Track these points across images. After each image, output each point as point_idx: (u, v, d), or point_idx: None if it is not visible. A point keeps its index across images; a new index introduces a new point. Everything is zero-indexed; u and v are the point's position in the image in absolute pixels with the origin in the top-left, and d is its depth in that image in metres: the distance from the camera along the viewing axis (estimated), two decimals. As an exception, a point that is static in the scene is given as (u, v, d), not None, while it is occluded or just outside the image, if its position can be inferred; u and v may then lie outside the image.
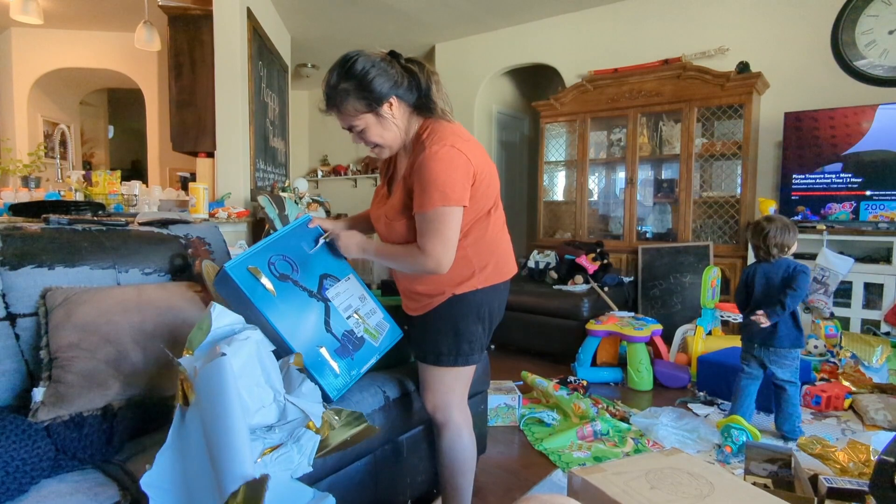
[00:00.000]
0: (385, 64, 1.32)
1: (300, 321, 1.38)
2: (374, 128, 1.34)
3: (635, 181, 4.17)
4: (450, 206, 1.29)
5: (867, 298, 3.30)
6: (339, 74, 1.30)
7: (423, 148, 1.31)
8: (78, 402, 1.19)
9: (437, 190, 1.27)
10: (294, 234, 1.49)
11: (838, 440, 2.23)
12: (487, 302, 1.45)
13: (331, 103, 1.33)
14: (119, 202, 3.05)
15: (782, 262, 2.28)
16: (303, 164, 7.41)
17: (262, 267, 1.36)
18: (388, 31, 5.16)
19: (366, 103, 1.30)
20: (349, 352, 1.46)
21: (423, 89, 1.36)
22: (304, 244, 1.49)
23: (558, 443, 2.26)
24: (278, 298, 1.35)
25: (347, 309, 1.50)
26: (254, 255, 1.36)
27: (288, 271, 1.42)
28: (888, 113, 3.26)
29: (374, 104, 1.31)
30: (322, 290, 1.46)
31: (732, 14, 3.99)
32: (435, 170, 1.27)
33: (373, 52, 1.33)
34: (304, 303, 1.41)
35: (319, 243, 1.49)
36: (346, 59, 1.31)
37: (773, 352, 2.28)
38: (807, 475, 1.71)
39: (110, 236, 1.60)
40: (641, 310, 3.94)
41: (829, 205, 3.47)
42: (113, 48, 5.34)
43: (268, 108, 4.59)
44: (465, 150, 1.31)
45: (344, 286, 1.52)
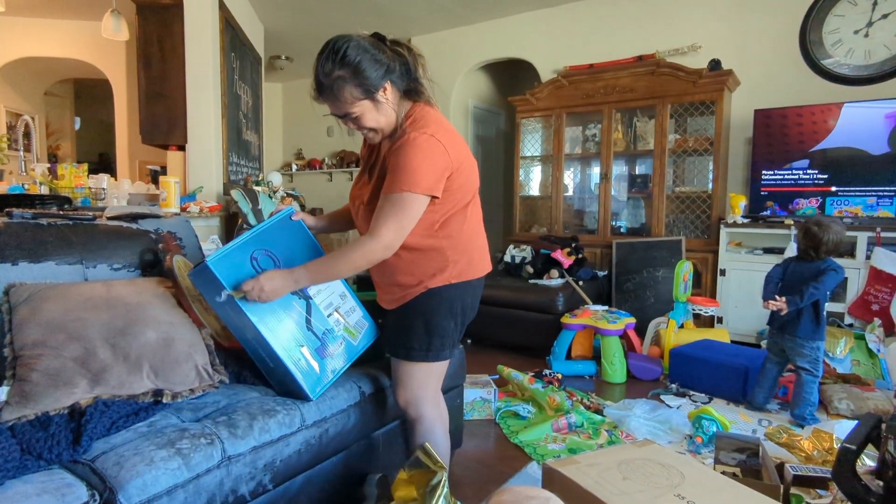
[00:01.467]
0: (375, 49, 1.30)
1: (282, 320, 1.37)
2: (370, 113, 1.33)
3: (610, 176, 4.22)
4: (415, 194, 1.27)
5: (832, 291, 3.39)
6: (332, 62, 1.28)
7: (403, 132, 1.32)
8: (44, 401, 1.16)
9: (407, 175, 1.26)
10: (277, 228, 1.46)
11: (804, 429, 2.30)
12: (460, 297, 1.45)
13: (325, 91, 1.31)
14: (86, 196, 2.97)
15: (822, 261, 2.41)
16: (277, 157, 7.31)
17: (244, 262, 1.34)
18: (364, 23, 5.11)
19: (362, 90, 1.29)
20: (329, 351, 1.45)
21: (412, 72, 1.37)
22: (288, 236, 1.46)
23: (533, 435, 2.28)
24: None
25: (329, 307, 1.49)
26: (236, 250, 1.34)
27: (270, 267, 1.39)
28: (853, 111, 3.35)
29: (371, 90, 1.30)
30: (304, 288, 1.43)
31: (705, 12, 4.05)
32: (409, 155, 1.27)
33: (360, 36, 1.32)
34: (285, 300, 1.39)
35: (223, 297, 1.31)
36: (336, 45, 1.28)
37: (790, 339, 2.42)
38: (774, 463, 1.76)
39: (77, 231, 1.56)
40: (615, 303, 3.99)
41: (796, 200, 3.56)
42: (79, 37, 5.17)
43: (241, 100, 4.51)
44: (444, 141, 1.31)
45: (325, 283, 1.50)
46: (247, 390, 1.45)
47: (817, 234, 2.38)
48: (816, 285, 2.32)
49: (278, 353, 1.34)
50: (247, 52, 4.69)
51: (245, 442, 1.23)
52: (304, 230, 1.55)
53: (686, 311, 3.34)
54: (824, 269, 2.37)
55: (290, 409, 1.37)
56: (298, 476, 1.39)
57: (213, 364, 1.42)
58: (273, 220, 1.47)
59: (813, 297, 2.33)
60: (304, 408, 1.40)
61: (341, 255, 1.32)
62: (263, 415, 1.31)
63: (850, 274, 3.30)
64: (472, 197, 1.45)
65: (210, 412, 1.32)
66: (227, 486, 1.18)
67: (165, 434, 1.16)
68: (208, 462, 1.15)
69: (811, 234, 2.40)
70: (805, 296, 2.31)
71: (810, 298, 2.33)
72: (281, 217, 1.49)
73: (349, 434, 1.53)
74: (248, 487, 1.23)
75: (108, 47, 5.06)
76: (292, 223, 1.50)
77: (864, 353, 2.94)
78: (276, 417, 1.32)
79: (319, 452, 1.43)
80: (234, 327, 1.38)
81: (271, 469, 1.29)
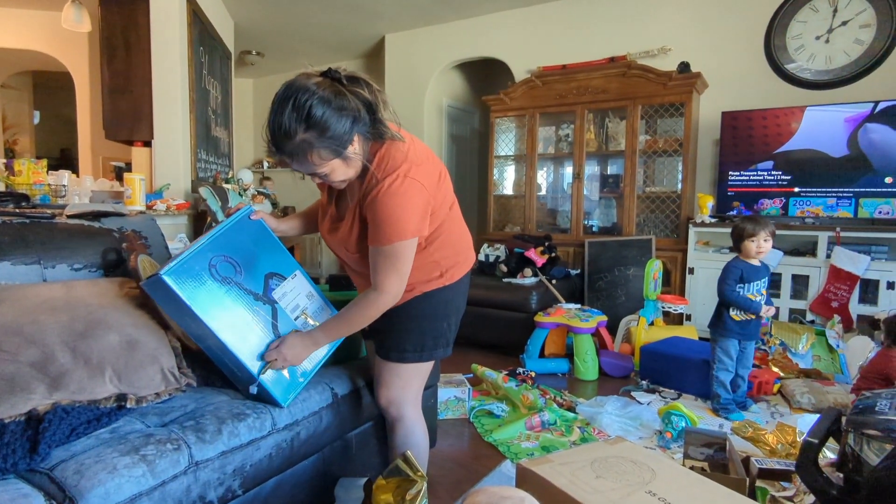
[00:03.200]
0: (339, 98, 1.18)
1: (247, 328, 1.32)
2: (339, 170, 1.24)
3: (582, 176, 4.27)
4: (405, 241, 1.26)
5: (794, 289, 3.50)
6: (296, 121, 1.14)
7: (376, 181, 1.24)
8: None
9: (393, 227, 1.23)
10: (235, 230, 1.37)
11: (768, 423, 2.36)
12: (453, 297, 1.47)
13: (288, 152, 1.19)
14: (45, 193, 2.86)
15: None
16: (248, 154, 7.17)
17: (202, 270, 1.26)
18: (337, 19, 5.05)
19: (331, 150, 1.19)
20: None
21: (376, 114, 1.25)
22: (248, 238, 1.38)
23: (507, 434, 2.29)
24: (222, 305, 1.27)
25: (295, 309, 1.44)
26: (193, 258, 1.25)
27: (231, 273, 1.32)
28: (815, 114, 3.46)
29: (340, 150, 1.20)
30: (268, 292, 1.38)
31: (675, 15, 4.12)
32: (390, 205, 1.22)
33: (318, 84, 1.17)
34: (249, 307, 1.34)
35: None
36: (298, 101, 1.14)
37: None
38: (740, 457, 1.80)
39: (35, 229, 1.50)
40: (587, 302, 4.04)
41: (761, 200, 3.66)
42: (37, 28, 4.97)
43: (210, 95, 4.41)
44: (419, 178, 1.26)
45: (290, 284, 1.45)
46: (215, 394, 1.41)
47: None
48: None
49: (245, 362, 1.30)
50: (216, 46, 4.59)
51: (213, 447, 1.20)
52: (266, 230, 1.45)
53: (656, 308, 3.40)
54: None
55: (260, 412, 1.34)
56: (269, 480, 1.37)
57: (179, 367, 1.38)
58: (230, 221, 1.37)
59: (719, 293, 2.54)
60: (275, 411, 1.37)
61: (355, 312, 1.33)
62: (233, 419, 1.28)
63: (811, 272, 3.41)
64: (451, 203, 1.44)
65: (177, 417, 1.28)
66: (194, 492, 1.15)
67: (129, 440, 1.13)
68: (175, 468, 1.12)
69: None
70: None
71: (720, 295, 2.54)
72: (238, 218, 1.39)
73: (322, 436, 1.51)
74: (216, 493, 1.20)
75: (68, 39, 4.88)
76: (252, 224, 1.41)
77: (824, 348, 3.04)
78: (245, 421, 1.29)
79: (291, 456, 1.41)
80: (195, 336, 1.33)
81: (241, 474, 1.26)
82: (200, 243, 1.29)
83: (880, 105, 3.28)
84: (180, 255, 1.26)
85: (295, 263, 1.48)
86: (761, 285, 2.50)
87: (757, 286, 2.49)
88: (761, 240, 2.45)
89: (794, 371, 2.89)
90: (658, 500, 1.17)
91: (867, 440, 1.24)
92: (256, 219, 1.42)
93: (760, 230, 2.44)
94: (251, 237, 1.40)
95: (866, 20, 3.51)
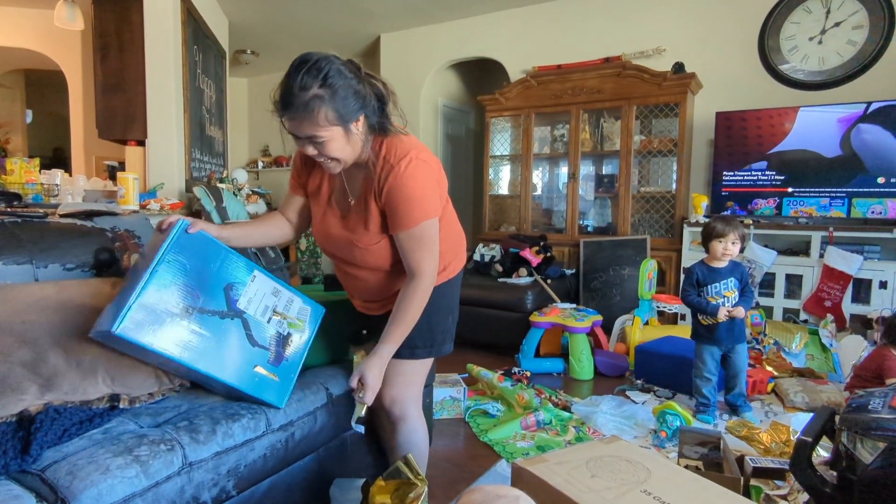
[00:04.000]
0: (355, 79, 1.23)
1: (223, 351, 1.25)
2: (338, 142, 1.23)
3: (577, 176, 4.27)
4: (431, 219, 1.30)
5: (788, 289, 3.52)
6: (312, 77, 1.16)
7: (389, 167, 1.26)
8: (-11, 409, 1.10)
9: (418, 206, 1.27)
10: (177, 250, 1.21)
11: (762, 422, 2.37)
12: (455, 291, 1.50)
13: (296, 106, 1.17)
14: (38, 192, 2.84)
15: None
16: (242, 154, 7.15)
17: (157, 309, 1.16)
18: (333, 19, 5.04)
19: (338, 115, 1.19)
20: (282, 356, 1.39)
21: (385, 108, 1.29)
22: (193, 256, 1.24)
23: (503, 434, 2.29)
24: (190, 338, 1.20)
25: (265, 312, 1.36)
26: (143, 297, 1.14)
27: (190, 301, 1.21)
28: (808, 115, 3.48)
29: (346, 118, 1.21)
30: (232, 305, 1.29)
31: (670, 16, 4.14)
32: (412, 186, 1.26)
33: (335, 56, 1.22)
34: (218, 328, 1.25)
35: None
36: (319, 64, 1.17)
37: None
38: (734, 456, 1.81)
39: (26, 229, 1.49)
40: (583, 301, 4.05)
41: (755, 200, 3.68)
42: (29, 26, 4.93)
43: (204, 94, 4.39)
44: (429, 160, 1.30)
45: (253, 288, 1.34)
46: (209, 394, 1.40)
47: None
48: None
49: (233, 384, 1.28)
50: (210, 45, 4.57)
51: (207, 447, 1.19)
52: (209, 240, 1.30)
53: (651, 308, 3.41)
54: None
55: (254, 412, 1.33)
56: (264, 481, 1.36)
57: (173, 367, 1.37)
58: (167, 245, 1.20)
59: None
60: (270, 411, 1.37)
61: (407, 305, 1.32)
62: (227, 419, 1.27)
63: (805, 272, 3.43)
64: (447, 198, 1.46)
65: (170, 417, 1.27)
66: (188, 493, 1.14)
67: (122, 441, 1.12)
68: (168, 469, 1.11)
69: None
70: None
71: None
72: (175, 237, 1.22)
73: (317, 437, 1.50)
74: (210, 494, 1.19)
75: (61, 37, 4.84)
76: (192, 238, 1.26)
77: (817, 347, 3.05)
78: (240, 422, 1.29)
79: (286, 456, 1.40)
80: (171, 370, 1.29)
81: (235, 475, 1.25)
82: (144, 279, 1.15)
83: (873, 105, 3.30)
84: (127, 297, 1.14)
85: (250, 264, 1.37)
86: (722, 287, 2.43)
87: (717, 288, 2.43)
88: (729, 241, 2.40)
89: (787, 370, 2.90)
90: (653, 499, 1.17)
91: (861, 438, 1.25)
92: (195, 231, 1.27)
93: (730, 231, 2.39)
94: (196, 253, 1.25)
95: (859, 21, 3.53)
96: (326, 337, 1.64)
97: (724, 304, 2.41)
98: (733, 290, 2.43)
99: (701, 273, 2.47)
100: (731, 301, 2.43)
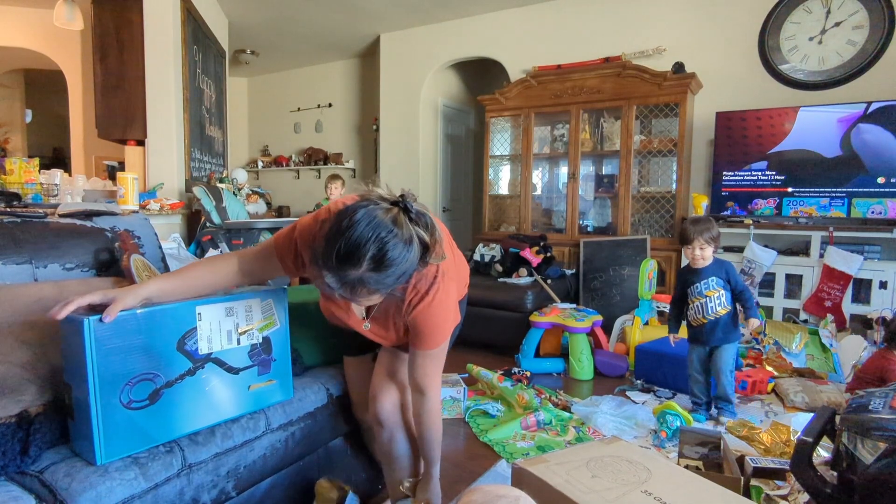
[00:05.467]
0: (409, 245, 1.06)
1: (212, 398, 1.22)
2: (375, 298, 1.16)
3: (577, 176, 4.27)
4: (447, 340, 1.37)
5: (788, 289, 3.52)
6: (367, 260, 1.01)
7: (420, 296, 1.24)
8: (-12, 410, 1.09)
9: (441, 332, 1.32)
10: (102, 353, 1.04)
11: (762, 422, 2.37)
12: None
13: (340, 279, 1.04)
14: (37, 192, 2.84)
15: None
16: (242, 154, 7.15)
17: (122, 419, 1.06)
18: (333, 18, 5.04)
19: (382, 292, 1.10)
20: (268, 360, 1.36)
21: (426, 255, 1.12)
22: (126, 339, 1.07)
23: (503, 434, 2.28)
24: (173, 417, 1.16)
25: (230, 337, 1.26)
26: (103, 420, 1.04)
27: (151, 387, 1.11)
28: (808, 115, 3.48)
29: (391, 290, 1.11)
30: (194, 356, 1.19)
31: (670, 15, 4.13)
32: (436, 316, 1.29)
33: (392, 217, 1.05)
34: (196, 385, 1.19)
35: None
36: (378, 236, 1.01)
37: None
38: (734, 456, 1.81)
39: (26, 229, 1.48)
40: (583, 301, 4.05)
41: (755, 200, 3.67)
42: (29, 25, 4.93)
43: (203, 94, 4.39)
44: (449, 285, 1.30)
45: (205, 326, 1.21)
46: (209, 394, 1.40)
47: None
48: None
49: (238, 415, 1.30)
50: (210, 45, 4.57)
51: (207, 449, 1.19)
52: (132, 313, 1.09)
53: (651, 308, 3.41)
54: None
55: (253, 413, 1.33)
56: (264, 481, 1.36)
57: (173, 367, 1.36)
58: (88, 356, 1.03)
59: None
60: (270, 412, 1.37)
61: (428, 426, 1.39)
62: (226, 420, 1.27)
63: (805, 272, 3.43)
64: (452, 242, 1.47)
65: (170, 418, 1.27)
66: (187, 495, 1.14)
67: (122, 442, 1.11)
68: (167, 471, 1.11)
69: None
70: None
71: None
72: (91, 343, 1.03)
73: (317, 436, 1.50)
74: (210, 496, 1.19)
75: (61, 37, 4.84)
76: (116, 325, 1.06)
77: (817, 347, 3.05)
78: (239, 422, 1.29)
79: (286, 456, 1.40)
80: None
81: (235, 476, 1.25)
82: (92, 407, 1.03)
83: (873, 105, 3.29)
84: (87, 427, 1.04)
85: (189, 304, 1.19)
86: (703, 287, 2.38)
87: (698, 288, 2.39)
88: (696, 247, 2.34)
89: (787, 370, 2.90)
90: (654, 499, 1.16)
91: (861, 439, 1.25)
92: (112, 319, 1.05)
93: (695, 236, 2.32)
94: (127, 333, 1.08)
95: (859, 21, 3.53)
96: (325, 339, 1.64)
97: (708, 303, 2.37)
98: (716, 289, 2.36)
99: (682, 276, 2.47)
100: (715, 300, 2.36)
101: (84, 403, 1.04)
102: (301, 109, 6.68)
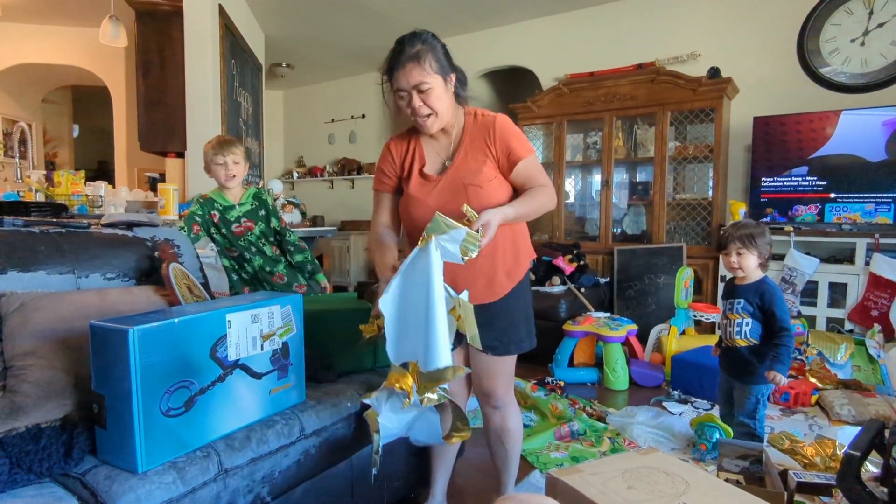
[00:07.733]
0: (446, 49, 1.48)
1: (239, 403, 1.26)
2: (439, 90, 1.41)
3: (611, 183, 4.22)
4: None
5: (832, 298, 3.38)
6: (421, 40, 1.41)
7: (490, 119, 1.50)
8: (35, 413, 1.13)
9: (526, 140, 1.51)
10: (147, 360, 1.06)
11: (806, 435, 2.28)
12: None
13: (407, 59, 1.38)
14: (83, 203, 2.95)
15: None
16: (277, 165, 7.31)
17: (163, 428, 1.09)
18: (365, 31, 5.12)
19: (439, 66, 1.41)
20: (287, 365, 1.39)
21: (464, 85, 1.53)
22: (164, 352, 1.10)
23: (536, 444, 2.25)
24: (210, 419, 1.19)
25: (255, 343, 1.30)
26: (144, 432, 1.06)
27: (186, 395, 1.14)
28: (851, 119, 3.35)
29: (446, 71, 1.43)
30: (225, 362, 1.22)
31: (704, 20, 4.06)
32: (514, 127, 1.50)
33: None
34: (225, 391, 1.22)
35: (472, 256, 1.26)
36: (421, 32, 1.44)
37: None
38: (777, 470, 1.74)
39: (69, 239, 1.54)
40: (617, 310, 3.98)
41: (795, 207, 3.56)
42: (77, 44, 5.18)
43: (241, 107, 4.51)
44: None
45: (234, 333, 1.24)
46: (244, 400, 1.42)
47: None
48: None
49: (259, 419, 1.32)
50: (247, 59, 4.70)
51: (242, 454, 1.21)
52: (170, 324, 1.11)
53: (687, 317, 3.33)
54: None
55: (288, 418, 1.35)
56: (298, 487, 1.37)
57: (209, 373, 1.39)
58: (133, 376, 1.04)
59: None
60: (304, 417, 1.38)
61: (540, 196, 1.44)
62: (261, 425, 1.29)
63: (850, 280, 3.30)
64: None
65: (206, 422, 1.29)
66: (223, 499, 1.16)
67: (161, 445, 1.14)
68: (204, 475, 1.12)
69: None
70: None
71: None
72: (136, 359, 1.04)
73: (351, 442, 1.51)
74: (245, 500, 1.21)
75: (106, 54, 5.07)
76: (158, 336, 1.09)
77: (864, 358, 2.92)
78: (274, 428, 1.30)
79: (319, 462, 1.41)
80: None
81: (269, 481, 1.26)
82: (135, 434, 1.04)
83: (922, 107, 3.16)
84: (132, 432, 1.05)
85: (220, 312, 1.22)
86: (726, 307, 2.03)
87: (725, 307, 2.03)
88: (733, 253, 1.96)
89: (832, 382, 2.79)
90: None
91: (915, 456, 1.18)
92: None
93: (730, 241, 1.97)
94: (167, 347, 1.10)
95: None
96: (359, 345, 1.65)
97: (728, 327, 2.01)
98: (741, 315, 1.96)
99: (725, 287, 2.11)
100: (735, 325, 1.98)
101: (124, 413, 1.05)
102: (335, 121, 6.79)
